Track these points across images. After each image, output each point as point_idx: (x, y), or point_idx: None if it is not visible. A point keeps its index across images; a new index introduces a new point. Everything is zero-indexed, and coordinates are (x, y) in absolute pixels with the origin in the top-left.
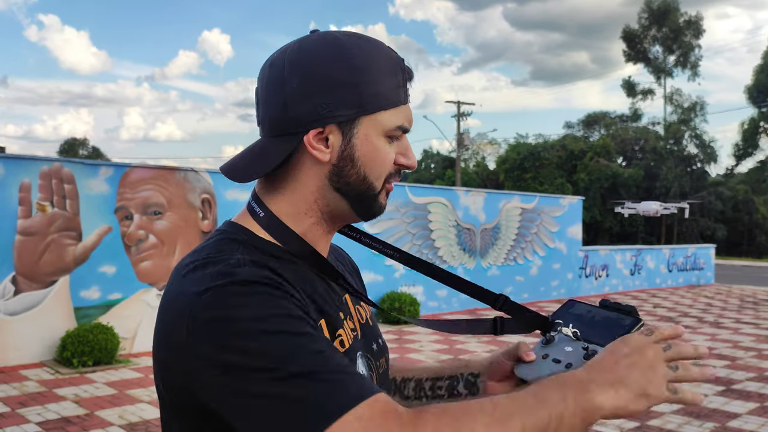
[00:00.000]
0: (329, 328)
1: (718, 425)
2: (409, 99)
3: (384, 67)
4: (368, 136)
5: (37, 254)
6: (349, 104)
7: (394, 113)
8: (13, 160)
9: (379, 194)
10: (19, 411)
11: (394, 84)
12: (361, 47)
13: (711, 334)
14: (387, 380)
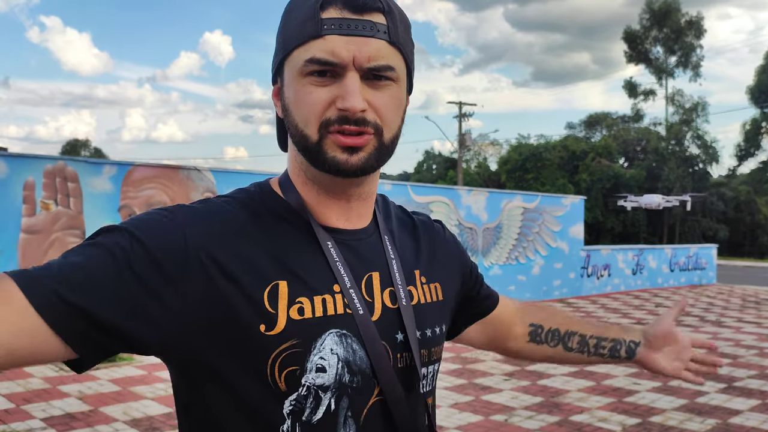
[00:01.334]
0: (290, 286)
1: (720, 422)
2: (352, 28)
3: (301, 7)
4: (289, 83)
5: (41, 252)
6: (276, 54)
7: (304, 49)
8: (18, 158)
9: (320, 143)
10: (23, 407)
11: (304, 17)
12: (288, 5)
13: (713, 333)
14: (403, 377)
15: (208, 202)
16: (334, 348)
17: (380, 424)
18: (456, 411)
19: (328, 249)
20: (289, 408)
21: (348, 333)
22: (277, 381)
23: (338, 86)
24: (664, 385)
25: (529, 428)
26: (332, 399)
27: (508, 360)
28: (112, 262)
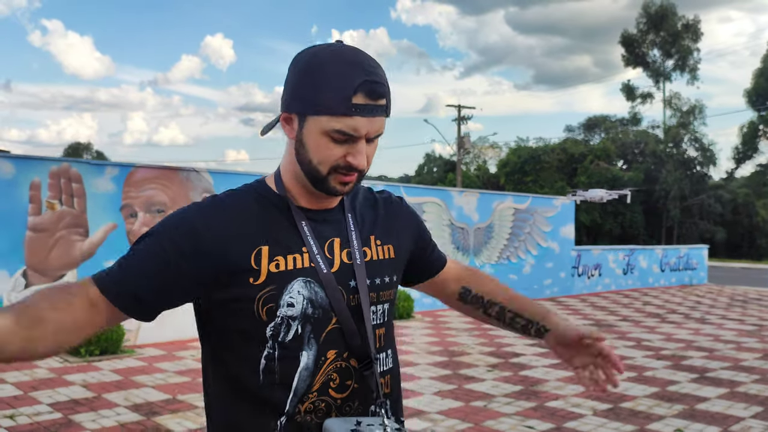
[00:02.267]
0: (268, 252)
1: (687, 407)
2: (370, 111)
3: (333, 81)
4: (312, 131)
5: (46, 249)
6: (297, 103)
7: (335, 120)
8: (24, 160)
9: (326, 178)
10: (31, 394)
11: (341, 94)
12: (320, 58)
13: (695, 329)
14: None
15: (217, 196)
16: (300, 290)
17: (335, 345)
18: (438, 398)
19: (300, 223)
20: (269, 332)
21: (311, 280)
22: (260, 314)
23: (350, 147)
24: (639, 375)
25: (505, 413)
26: (299, 325)
27: (492, 353)
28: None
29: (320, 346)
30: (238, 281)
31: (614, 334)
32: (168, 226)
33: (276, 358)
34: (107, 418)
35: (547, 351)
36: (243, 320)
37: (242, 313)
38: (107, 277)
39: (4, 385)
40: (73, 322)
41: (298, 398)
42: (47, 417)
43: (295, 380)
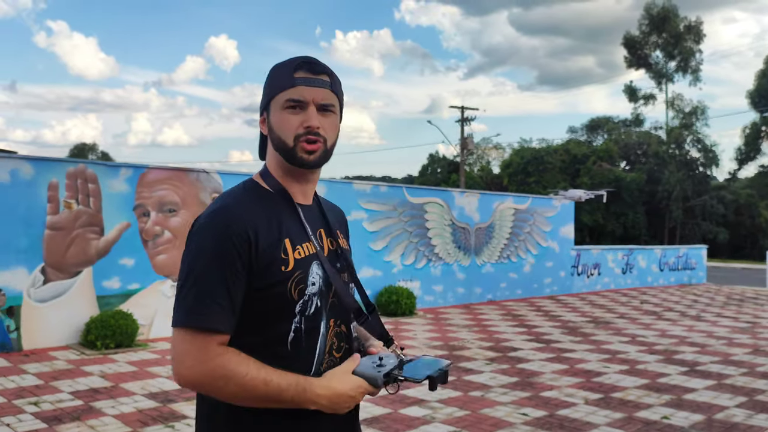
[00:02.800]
0: (291, 243)
1: (675, 397)
2: (310, 82)
3: (281, 68)
4: (274, 114)
5: (64, 247)
6: (264, 100)
7: (285, 93)
8: (43, 161)
9: (293, 148)
10: (52, 383)
11: (284, 76)
12: (273, 66)
13: (689, 326)
14: (343, 290)
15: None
16: (317, 272)
17: (335, 314)
18: (438, 388)
19: (301, 217)
20: (298, 308)
21: (319, 263)
22: (293, 294)
23: (304, 114)
24: (632, 368)
25: (501, 401)
26: (317, 300)
27: (491, 347)
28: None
29: (327, 316)
30: (274, 272)
31: (610, 330)
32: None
33: (303, 330)
34: (126, 404)
35: (544, 346)
36: (276, 301)
37: (277, 296)
38: (216, 316)
39: (25, 375)
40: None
41: (319, 361)
42: (69, 404)
43: (318, 345)
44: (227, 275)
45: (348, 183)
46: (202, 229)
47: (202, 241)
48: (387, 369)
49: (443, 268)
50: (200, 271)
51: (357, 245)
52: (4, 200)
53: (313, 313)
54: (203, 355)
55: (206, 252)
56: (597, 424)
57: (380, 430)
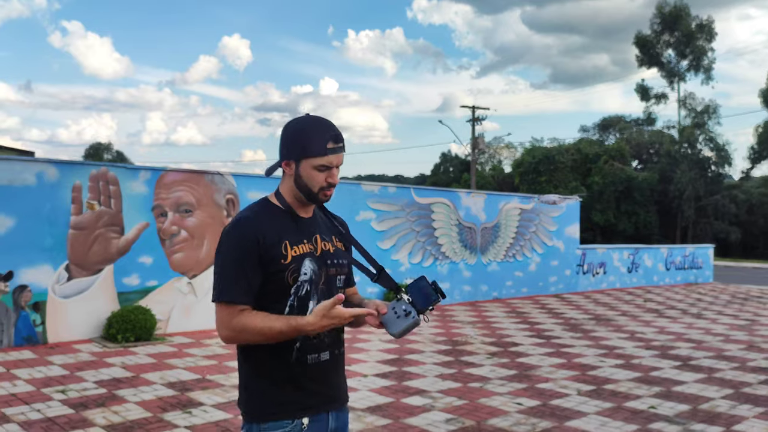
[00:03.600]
0: (290, 244)
1: (664, 389)
2: (337, 151)
3: (313, 137)
4: (305, 169)
5: (86, 246)
6: (293, 153)
7: (319, 159)
8: (67, 165)
9: (317, 194)
10: (77, 374)
11: (320, 144)
12: (302, 126)
13: (688, 323)
14: (332, 280)
15: (250, 210)
16: (309, 265)
17: (325, 296)
18: (440, 380)
19: (301, 226)
20: (293, 290)
21: (312, 259)
22: (288, 280)
23: (329, 173)
24: (626, 363)
25: (498, 392)
26: (307, 285)
27: (493, 342)
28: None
29: (318, 297)
30: (276, 263)
31: (611, 327)
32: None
33: (296, 306)
34: (146, 393)
35: (544, 342)
36: (277, 284)
37: (277, 281)
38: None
39: (52, 366)
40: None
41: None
42: (94, 392)
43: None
44: (245, 266)
45: (357, 184)
46: (228, 236)
47: (228, 244)
48: (413, 312)
49: (450, 266)
50: (227, 265)
51: (365, 244)
52: (31, 201)
53: (303, 294)
54: (229, 318)
55: (230, 252)
56: (586, 413)
57: (383, 417)
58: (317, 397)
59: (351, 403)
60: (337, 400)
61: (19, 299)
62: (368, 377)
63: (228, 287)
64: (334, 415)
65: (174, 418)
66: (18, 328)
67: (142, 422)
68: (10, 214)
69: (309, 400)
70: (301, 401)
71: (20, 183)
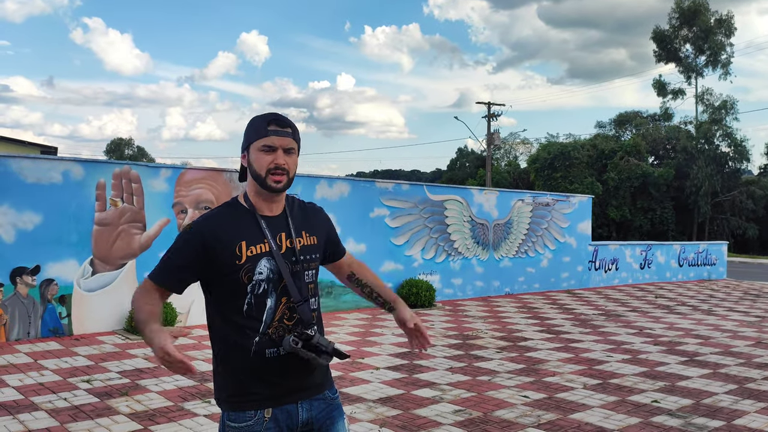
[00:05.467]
0: (246, 244)
1: (669, 384)
2: (279, 134)
3: (258, 121)
4: (252, 153)
5: (110, 241)
6: (245, 143)
7: (261, 140)
8: (91, 163)
9: (265, 179)
10: (101, 364)
11: (260, 128)
12: (251, 119)
13: (698, 320)
14: (300, 276)
15: (213, 211)
16: (266, 264)
17: (286, 294)
18: (449, 373)
19: (261, 224)
20: (249, 289)
21: (271, 258)
22: (243, 279)
23: (274, 155)
24: (633, 358)
25: (506, 385)
26: (265, 284)
27: (503, 337)
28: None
29: (278, 295)
30: (229, 264)
31: (620, 323)
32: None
33: (253, 303)
34: (167, 383)
35: (553, 337)
36: (233, 283)
37: (233, 280)
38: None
39: (77, 356)
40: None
41: (267, 325)
42: (118, 381)
43: (264, 315)
44: (181, 259)
45: (371, 181)
46: (186, 228)
47: (179, 237)
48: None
49: (462, 262)
50: (171, 253)
51: (379, 240)
52: (57, 199)
53: (260, 292)
54: (140, 288)
55: (177, 244)
56: (591, 406)
57: (393, 408)
58: (279, 389)
59: (362, 394)
60: (305, 390)
61: (45, 293)
62: (380, 370)
63: (161, 270)
64: (304, 405)
65: (194, 407)
66: (45, 320)
67: (163, 410)
68: (38, 211)
69: (269, 391)
70: (262, 392)
71: (47, 181)
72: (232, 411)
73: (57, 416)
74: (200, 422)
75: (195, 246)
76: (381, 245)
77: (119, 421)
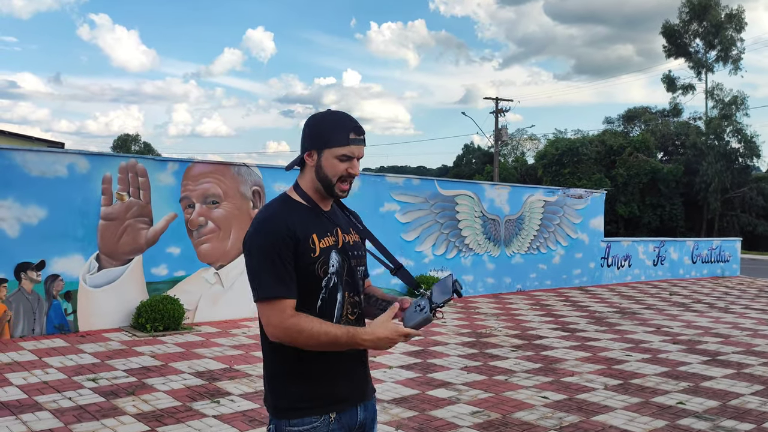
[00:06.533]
0: (317, 237)
1: (692, 384)
2: (359, 143)
3: (336, 127)
4: (327, 158)
5: (116, 236)
6: (316, 143)
7: (342, 149)
8: (97, 156)
9: (334, 185)
10: (107, 362)
11: (343, 134)
12: (324, 118)
13: (716, 318)
14: (353, 271)
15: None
16: (336, 257)
17: (349, 288)
18: (464, 372)
19: (324, 219)
20: (324, 283)
21: (338, 251)
22: (319, 272)
23: (349, 164)
24: (653, 357)
25: (524, 385)
26: (335, 277)
27: (518, 335)
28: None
29: (343, 289)
30: (306, 257)
31: (636, 321)
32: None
33: (327, 298)
34: (175, 381)
35: (569, 335)
36: (309, 277)
37: (309, 274)
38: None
39: (83, 354)
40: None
41: (337, 320)
42: (124, 380)
43: (336, 309)
44: (284, 261)
45: (381, 176)
46: (257, 236)
47: (261, 242)
48: (427, 308)
49: (473, 258)
50: (265, 262)
51: (389, 236)
52: (62, 193)
53: (332, 286)
54: (282, 315)
55: (265, 249)
56: (613, 408)
57: (408, 409)
58: (347, 391)
59: (377, 394)
60: (365, 393)
61: (51, 288)
62: (393, 369)
63: (273, 283)
64: (362, 406)
65: (202, 407)
66: (50, 316)
67: (171, 411)
68: (43, 205)
69: (339, 394)
70: (331, 395)
71: (52, 175)
72: (295, 418)
73: (61, 417)
74: (209, 423)
75: (284, 240)
76: (391, 241)
77: (125, 422)
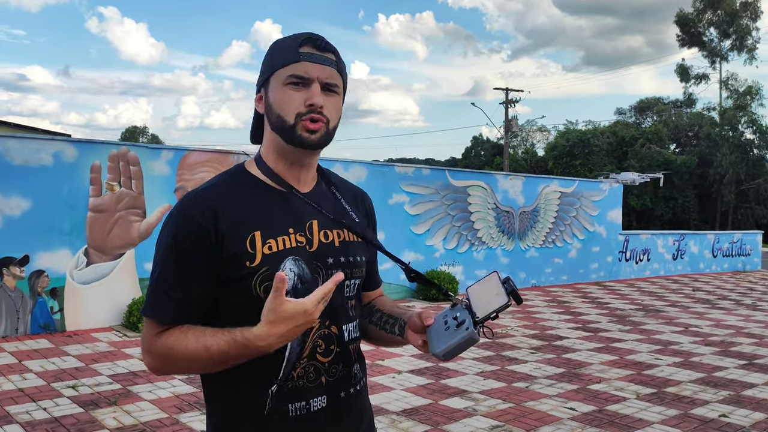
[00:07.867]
0: (263, 235)
1: (733, 393)
2: (316, 59)
3: (283, 44)
4: (273, 90)
5: (106, 229)
6: (263, 73)
7: (288, 68)
8: (85, 144)
9: (294, 127)
10: (92, 366)
11: (288, 51)
12: (276, 42)
13: (745, 316)
14: (338, 288)
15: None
16: (291, 268)
17: (320, 315)
18: (481, 378)
19: (292, 207)
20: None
21: (299, 258)
22: (258, 291)
23: (307, 92)
24: (686, 361)
25: (547, 394)
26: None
27: (536, 335)
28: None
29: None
30: (238, 267)
31: (661, 320)
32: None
33: None
34: (163, 389)
35: (591, 335)
36: (242, 297)
37: (242, 292)
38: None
39: (66, 357)
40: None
41: (291, 364)
42: (107, 387)
43: (287, 349)
44: (181, 268)
45: (390, 166)
46: (168, 218)
47: (166, 231)
48: (469, 322)
49: (486, 252)
50: (160, 264)
51: (398, 229)
52: (48, 182)
53: None
54: (151, 339)
55: (166, 244)
56: (650, 422)
57: (420, 422)
58: None
59: (384, 404)
60: None
61: (35, 285)
62: (402, 374)
63: (155, 297)
64: None
65: (190, 419)
66: (35, 315)
67: (155, 424)
68: (26, 196)
69: None
70: None
71: (36, 163)
72: None
73: (33, 430)
74: None
75: (199, 235)
76: (400, 234)
77: None
